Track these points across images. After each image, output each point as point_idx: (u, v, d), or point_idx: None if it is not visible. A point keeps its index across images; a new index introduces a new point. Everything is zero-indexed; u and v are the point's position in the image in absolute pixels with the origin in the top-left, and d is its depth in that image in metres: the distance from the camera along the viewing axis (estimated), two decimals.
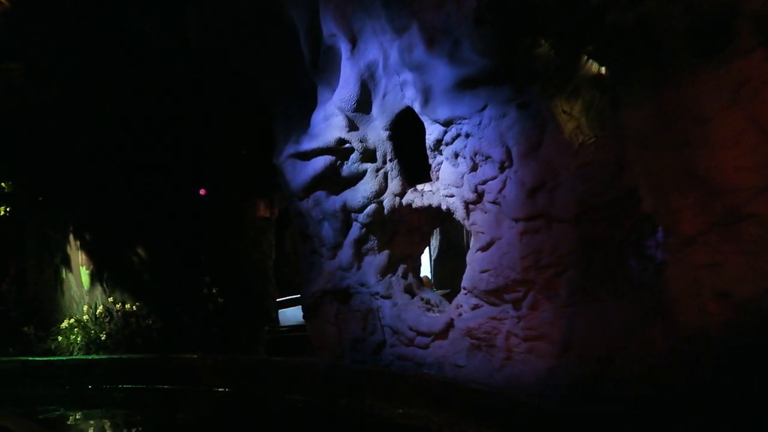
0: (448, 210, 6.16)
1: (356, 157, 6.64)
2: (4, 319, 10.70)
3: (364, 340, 6.85)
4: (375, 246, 6.82)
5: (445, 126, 5.91)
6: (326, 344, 7.16)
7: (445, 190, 6.08)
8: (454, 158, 5.92)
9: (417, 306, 6.65)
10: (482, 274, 5.66)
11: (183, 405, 6.95)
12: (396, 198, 6.61)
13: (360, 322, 6.84)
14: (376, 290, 6.75)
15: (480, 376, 5.79)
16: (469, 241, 12.59)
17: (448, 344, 6.15)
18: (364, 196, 6.65)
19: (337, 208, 6.80)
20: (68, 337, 9.45)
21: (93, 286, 9.85)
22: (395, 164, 6.62)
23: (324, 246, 7.03)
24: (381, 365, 6.63)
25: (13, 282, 11.11)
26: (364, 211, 6.68)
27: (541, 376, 5.32)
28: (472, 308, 5.87)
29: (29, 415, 7.27)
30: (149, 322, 9.07)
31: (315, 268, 7.21)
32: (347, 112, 6.63)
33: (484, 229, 5.70)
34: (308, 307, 7.26)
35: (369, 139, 6.64)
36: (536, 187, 5.21)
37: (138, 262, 9.41)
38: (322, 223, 6.99)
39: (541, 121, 5.25)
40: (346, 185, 6.77)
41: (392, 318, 6.62)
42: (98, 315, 9.40)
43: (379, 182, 6.63)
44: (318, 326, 7.23)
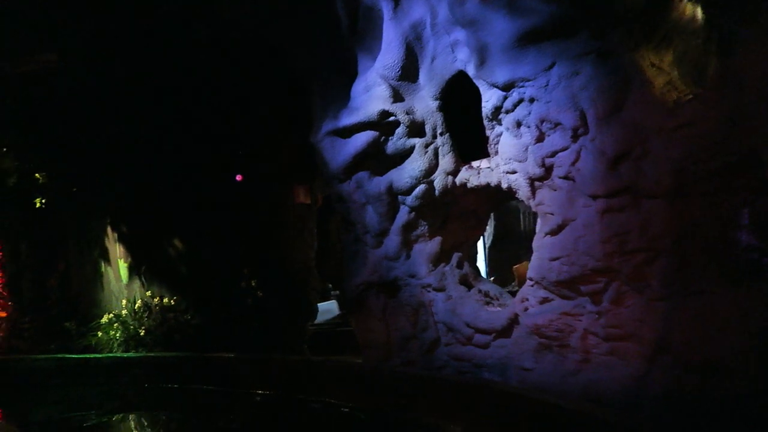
0: (509, 189, 5.32)
1: (402, 132, 5.87)
2: (48, 314, 10.54)
3: (414, 337, 6.10)
4: (425, 232, 6.05)
5: (504, 90, 5.07)
6: (372, 342, 6.45)
7: (506, 165, 5.25)
8: (516, 128, 5.07)
9: (474, 299, 5.85)
10: (553, 262, 4.82)
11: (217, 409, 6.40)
12: (448, 177, 5.81)
13: (410, 318, 6.09)
14: (428, 282, 5.99)
15: (551, 381, 4.97)
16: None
17: (512, 343, 5.34)
18: (412, 176, 5.88)
19: (382, 191, 6.05)
20: (108, 332, 9.12)
21: (131, 280, 9.49)
22: (447, 138, 5.82)
23: (368, 233, 6.30)
24: (434, 367, 5.88)
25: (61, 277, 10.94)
26: (412, 192, 5.91)
27: (626, 384, 4.45)
28: (541, 302, 5.04)
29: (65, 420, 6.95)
30: (187, 318, 8.60)
31: (359, 257, 6.49)
32: (391, 81, 5.85)
33: (554, 209, 4.84)
34: (352, 301, 6.56)
35: (416, 110, 5.85)
36: (619, 156, 4.32)
37: (174, 254, 8.95)
38: (365, 208, 6.26)
39: (624, 76, 4.35)
40: (391, 164, 6.01)
41: (446, 313, 5.84)
42: (137, 310, 9.01)
43: (428, 159, 5.84)
44: (363, 322, 6.52)
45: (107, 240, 9.86)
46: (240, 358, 6.76)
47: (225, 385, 6.76)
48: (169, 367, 7.40)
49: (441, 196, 5.88)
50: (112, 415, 7.11)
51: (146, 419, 6.78)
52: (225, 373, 6.86)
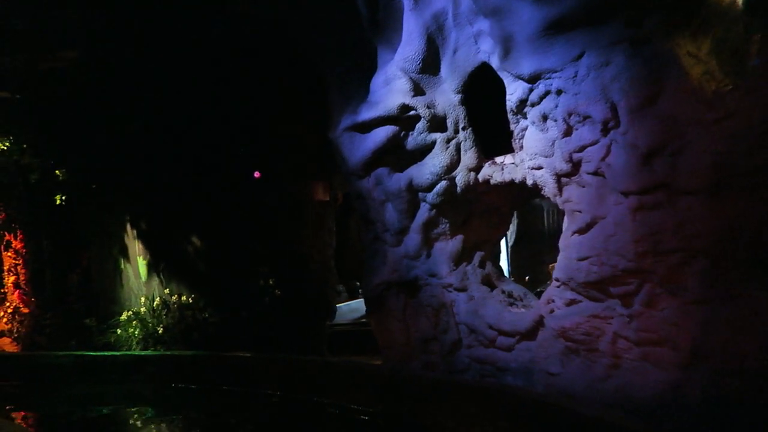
0: (534, 185, 5.10)
1: (423, 127, 5.68)
2: (69, 311, 10.58)
3: (435, 339, 5.91)
4: (447, 230, 5.85)
5: (530, 82, 4.85)
6: (392, 343, 6.27)
7: (531, 161, 5.03)
8: (542, 121, 4.85)
9: (497, 300, 5.64)
10: (581, 262, 4.59)
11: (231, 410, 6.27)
12: (471, 173, 5.61)
13: (431, 319, 5.91)
14: (449, 281, 5.79)
15: (578, 387, 4.74)
16: (551, 224, 11.41)
17: (537, 346, 5.12)
18: (433, 172, 5.68)
19: (402, 187, 5.87)
20: (127, 330, 9.09)
21: (150, 277, 9.45)
22: (469, 133, 5.61)
23: (388, 231, 6.12)
24: (455, 369, 5.68)
25: (82, 274, 10.97)
26: (433, 189, 5.72)
27: (660, 392, 4.21)
28: (567, 304, 4.81)
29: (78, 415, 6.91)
30: (205, 316, 8.52)
31: (378, 256, 6.32)
32: (411, 74, 5.66)
33: (583, 207, 4.61)
34: (371, 301, 6.39)
35: (437, 104, 5.66)
36: (653, 151, 4.08)
37: (193, 251, 8.88)
38: (385, 205, 6.08)
39: (659, 66, 4.10)
40: (411, 160, 5.83)
41: (468, 314, 5.64)
42: (155, 307, 8.97)
43: (450, 155, 5.64)
44: (382, 322, 6.35)
45: (126, 237, 9.84)
46: (256, 357, 6.64)
47: (241, 385, 6.64)
48: (186, 366, 7.32)
49: (463, 193, 5.68)
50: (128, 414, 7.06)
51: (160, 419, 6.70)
52: (241, 372, 6.75)
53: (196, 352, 7.56)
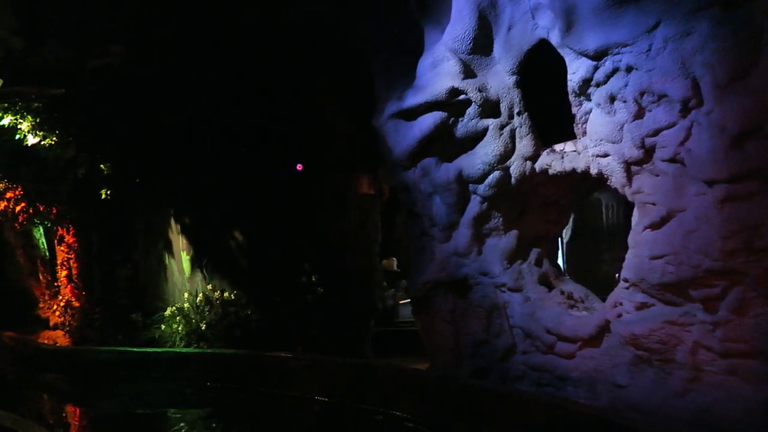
0: (599, 175, 4.58)
1: (474, 112, 5.22)
2: (116, 305, 10.60)
3: (487, 342, 5.45)
4: (500, 225, 5.39)
5: (595, 59, 4.33)
6: (440, 347, 5.85)
7: (596, 147, 4.51)
8: (609, 103, 4.32)
9: (556, 302, 5.14)
10: (654, 261, 4.05)
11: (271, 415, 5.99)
12: (526, 162, 5.12)
13: (482, 321, 5.45)
14: (502, 281, 5.32)
15: (650, 401, 4.21)
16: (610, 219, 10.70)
17: (602, 354, 4.60)
18: (485, 162, 5.22)
19: (451, 179, 5.43)
20: (171, 325, 8.99)
21: (193, 273, 9.31)
22: (525, 118, 5.12)
23: (435, 226, 5.70)
24: (509, 377, 5.21)
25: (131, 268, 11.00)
26: (484, 180, 5.26)
27: (750, 411, 3.65)
28: (638, 307, 4.28)
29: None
30: (248, 313, 8.30)
31: (425, 253, 5.90)
32: (461, 55, 5.21)
33: (657, 198, 4.08)
34: (418, 301, 5.98)
35: (490, 87, 5.19)
36: (746, 133, 3.53)
37: (235, 246, 8.68)
38: (432, 198, 5.66)
39: (752, 34, 3.53)
40: (461, 149, 5.38)
41: (524, 317, 5.16)
42: (198, 303, 8.81)
43: (503, 143, 5.16)
44: (429, 324, 5.93)
45: (171, 232, 9.75)
46: (297, 358, 6.34)
47: (281, 387, 6.36)
48: (226, 365, 7.10)
49: (518, 185, 5.20)
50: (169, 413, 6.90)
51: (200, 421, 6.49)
52: (281, 373, 6.47)
53: (236, 351, 7.33)
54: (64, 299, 12.17)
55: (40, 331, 13.51)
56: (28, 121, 8.81)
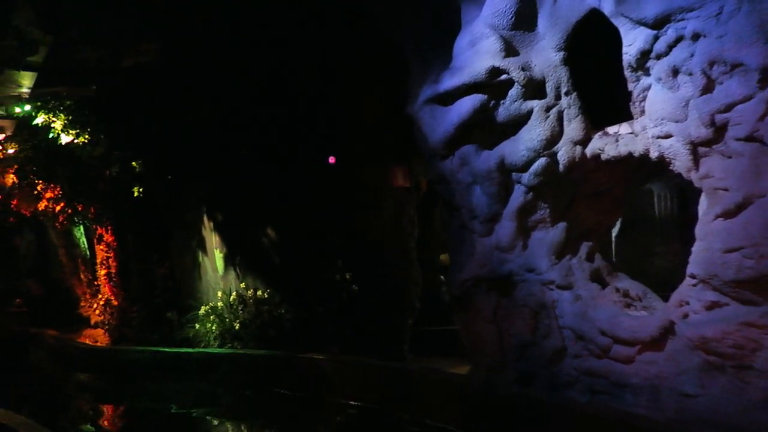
0: (660, 159, 4.10)
1: (517, 93, 4.78)
2: (152, 304, 10.54)
3: (534, 344, 5.01)
4: (546, 217, 4.93)
5: (656, 28, 3.86)
6: (481, 348, 5.43)
7: (656, 128, 4.02)
8: (672, 77, 3.84)
9: (611, 300, 4.66)
10: (728, 254, 3.56)
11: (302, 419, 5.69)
12: (576, 147, 4.65)
13: (528, 321, 5.01)
14: (550, 278, 4.87)
15: (725, 413, 3.72)
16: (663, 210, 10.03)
17: (666, 359, 4.11)
18: (530, 148, 4.77)
19: (492, 167, 5.00)
20: (205, 325, 8.84)
21: (227, 271, 9.14)
22: (574, 99, 4.65)
23: (476, 219, 5.28)
24: (559, 383, 4.76)
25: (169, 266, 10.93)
26: (529, 168, 4.82)
27: None
28: (708, 307, 3.79)
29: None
30: (281, 312, 8.05)
31: (465, 248, 5.48)
32: (502, 31, 4.78)
33: (730, 183, 3.58)
34: (457, 299, 5.57)
35: (534, 65, 4.74)
36: None
37: (268, 243, 8.43)
38: (471, 189, 5.24)
39: None
40: (503, 134, 4.95)
41: (575, 317, 4.70)
42: (232, 302, 8.62)
43: (550, 126, 4.71)
44: (470, 324, 5.52)
45: (204, 229, 9.60)
46: (330, 361, 6.01)
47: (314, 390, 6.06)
48: (259, 366, 6.85)
49: (566, 172, 4.73)
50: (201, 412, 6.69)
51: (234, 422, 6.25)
52: (315, 376, 6.16)
53: (269, 352, 7.08)
54: (104, 298, 12.22)
55: (83, 329, 13.66)
56: (61, 119, 8.76)
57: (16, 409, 6.21)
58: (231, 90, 8.50)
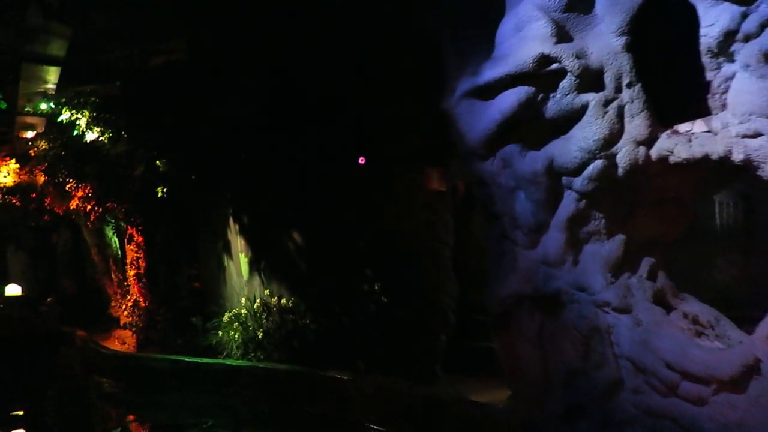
0: (746, 161, 3.42)
1: (569, 85, 4.14)
2: (178, 307, 10.25)
3: (584, 374, 4.36)
4: (601, 227, 4.29)
5: (744, 3, 3.21)
6: (523, 375, 4.81)
7: (742, 125, 3.37)
8: (764, 62, 3.16)
9: (678, 327, 3.99)
10: None
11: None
12: (639, 148, 4.00)
13: (578, 347, 4.37)
14: (605, 298, 4.22)
15: None
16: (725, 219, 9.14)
17: (749, 404, 3.43)
18: (584, 148, 4.14)
19: (539, 170, 4.38)
20: (228, 332, 8.43)
21: (251, 276, 8.71)
22: (637, 91, 4.00)
23: (519, 228, 4.66)
24: (614, 420, 4.11)
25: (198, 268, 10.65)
26: (583, 171, 4.18)
27: None
28: None
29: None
30: (306, 322, 7.55)
31: (506, 260, 4.87)
32: (553, 13, 4.16)
33: None
34: (497, 318, 4.96)
35: (590, 53, 4.10)
36: None
37: (294, 249, 7.95)
38: (514, 194, 4.63)
39: None
40: (552, 132, 4.33)
41: (634, 345, 4.05)
42: (256, 310, 8.19)
43: (609, 123, 4.06)
44: (510, 346, 4.90)
45: (229, 232, 9.21)
46: (355, 381, 5.48)
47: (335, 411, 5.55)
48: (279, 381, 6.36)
49: (627, 176, 4.09)
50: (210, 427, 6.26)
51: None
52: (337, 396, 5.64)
53: (290, 367, 6.59)
54: (132, 299, 12.03)
55: (113, 329, 13.54)
56: (86, 115, 8.50)
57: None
58: (258, 89, 8.09)
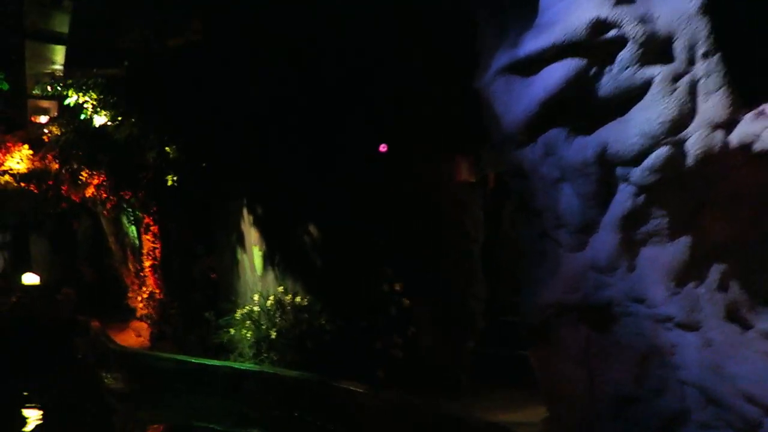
0: None
1: (630, 56, 3.46)
2: (191, 301, 9.86)
3: (639, 401, 3.71)
4: (663, 227, 3.61)
5: None
6: (564, 396, 4.16)
7: None
8: None
9: (759, 350, 3.30)
10: None
11: None
12: (716, 133, 3.31)
13: (632, 368, 3.71)
14: (667, 312, 3.55)
15: None
16: None
17: None
18: (645, 133, 3.46)
19: (589, 158, 3.71)
20: (240, 330, 7.95)
21: (265, 271, 8.20)
22: (715, 63, 3.31)
23: (563, 227, 4.00)
24: None
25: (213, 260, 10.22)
26: (643, 161, 3.50)
27: None
28: None
29: None
30: (321, 322, 7.01)
31: (546, 263, 4.21)
32: None
33: None
34: (533, 329, 4.31)
35: (657, 17, 3.41)
36: None
37: (309, 243, 7.39)
38: (559, 187, 3.96)
39: None
40: (606, 114, 3.65)
41: (704, 370, 3.38)
42: (269, 308, 7.68)
43: (678, 102, 3.37)
44: (548, 362, 4.25)
45: (243, 223, 8.71)
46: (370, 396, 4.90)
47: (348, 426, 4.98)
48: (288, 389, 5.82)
49: (698, 167, 3.40)
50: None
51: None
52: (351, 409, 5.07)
53: (301, 374, 6.05)
54: (148, 290, 11.71)
55: (130, 320, 13.26)
56: (92, 97, 8.06)
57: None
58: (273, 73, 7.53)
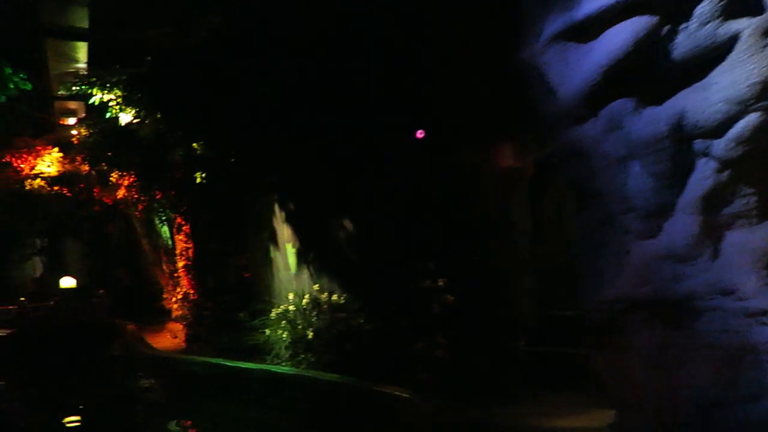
0: None
1: (711, 9, 2.99)
2: (224, 302, 9.66)
3: (728, 405, 3.24)
4: (752, 208, 3.14)
5: None
6: (634, 401, 3.70)
7: None
8: None
9: None
10: None
11: None
12: None
13: (720, 370, 3.24)
14: (760, 305, 3.08)
15: None
16: None
17: None
18: (731, 98, 2.98)
19: (662, 131, 3.25)
20: (275, 331, 7.66)
21: (300, 269, 7.88)
22: None
23: (631, 211, 3.54)
24: None
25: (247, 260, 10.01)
26: (727, 132, 3.04)
27: None
28: None
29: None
30: (360, 322, 6.65)
31: (609, 253, 3.76)
32: None
33: None
34: (597, 328, 3.86)
35: None
36: None
37: (344, 238, 7.04)
38: (625, 166, 3.51)
39: None
40: (682, 79, 3.19)
41: None
42: (305, 306, 7.36)
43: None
44: (617, 364, 3.80)
45: (275, 220, 8.40)
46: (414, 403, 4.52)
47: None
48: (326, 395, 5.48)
49: None
50: None
51: None
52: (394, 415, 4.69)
53: (340, 378, 5.70)
54: (182, 291, 11.58)
55: (166, 322, 13.18)
56: (116, 94, 7.84)
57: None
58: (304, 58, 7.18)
